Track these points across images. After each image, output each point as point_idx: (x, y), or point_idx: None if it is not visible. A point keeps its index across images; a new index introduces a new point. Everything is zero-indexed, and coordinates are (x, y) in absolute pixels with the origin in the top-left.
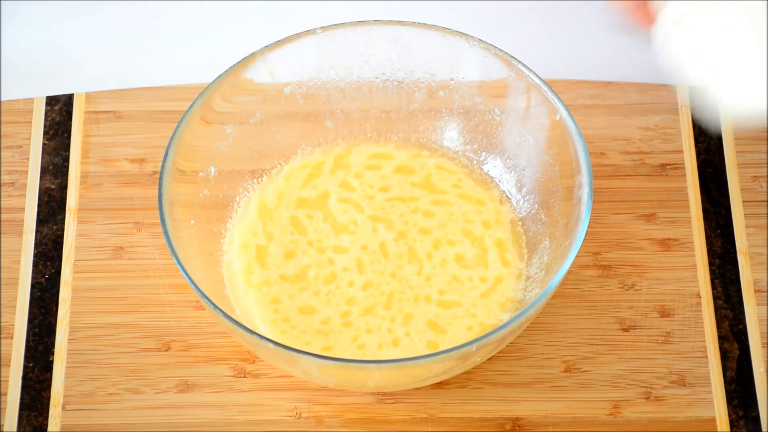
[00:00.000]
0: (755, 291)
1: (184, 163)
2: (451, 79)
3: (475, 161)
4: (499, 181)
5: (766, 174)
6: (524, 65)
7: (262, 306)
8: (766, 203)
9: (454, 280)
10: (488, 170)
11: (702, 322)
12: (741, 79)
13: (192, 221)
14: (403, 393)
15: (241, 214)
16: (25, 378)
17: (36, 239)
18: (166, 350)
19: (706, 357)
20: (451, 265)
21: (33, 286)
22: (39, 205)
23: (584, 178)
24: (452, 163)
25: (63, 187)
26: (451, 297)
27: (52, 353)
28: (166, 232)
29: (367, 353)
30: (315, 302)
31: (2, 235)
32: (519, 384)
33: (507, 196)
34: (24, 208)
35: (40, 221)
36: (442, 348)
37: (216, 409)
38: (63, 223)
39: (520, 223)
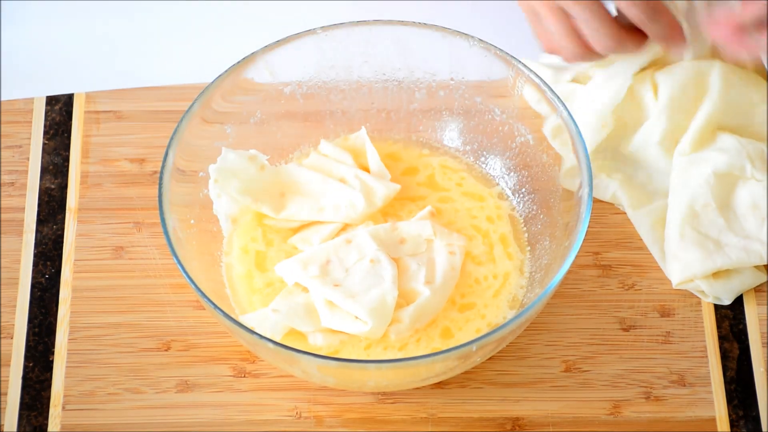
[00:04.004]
0: (755, 291)
1: (184, 163)
2: (451, 79)
3: (474, 162)
4: (499, 181)
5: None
6: (524, 65)
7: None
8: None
9: (476, 283)
10: (488, 170)
11: (702, 322)
12: None
13: (192, 221)
14: (403, 393)
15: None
16: (25, 378)
17: (36, 239)
18: (166, 350)
19: (706, 357)
20: (468, 264)
21: (33, 286)
22: (39, 205)
23: (584, 178)
24: (454, 162)
25: (63, 187)
26: (470, 300)
27: (52, 353)
28: (166, 232)
29: (371, 355)
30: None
31: (2, 235)
32: (519, 384)
33: (506, 195)
34: (24, 208)
35: (40, 221)
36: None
37: (216, 409)
38: (63, 223)
39: (522, 222)
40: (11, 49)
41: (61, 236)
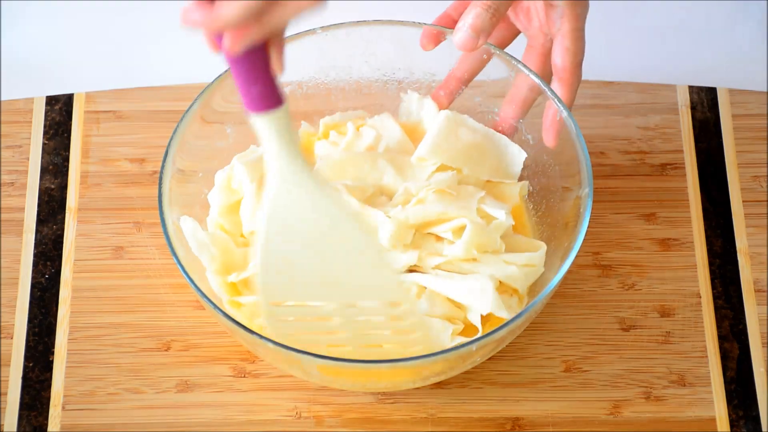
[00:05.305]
0: (755, 291)
1: (184, 163)
2: None
3: None
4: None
5: (766, 174)
6: (524, 65)
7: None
8: (766, 203)
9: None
10: None
11: (702, 322)
12: None
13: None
14: (403, 393)
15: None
16: (25, 378)
17: (36, 239)
18: (166, 350)
19: (706, 357)
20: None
21: (33, 286)
22: (39, 205)
23: (584, 178)
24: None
25: (63, 187)
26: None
27: (52, 353)
28: (166, 232)
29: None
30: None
31: (2, 235)
32: (519, 384)
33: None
34: (24, 208)
35: (40, 221)
36: None
37: (216, 409)
38: (63, 223)
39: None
40: (11, 49)
41: (61, 236)
